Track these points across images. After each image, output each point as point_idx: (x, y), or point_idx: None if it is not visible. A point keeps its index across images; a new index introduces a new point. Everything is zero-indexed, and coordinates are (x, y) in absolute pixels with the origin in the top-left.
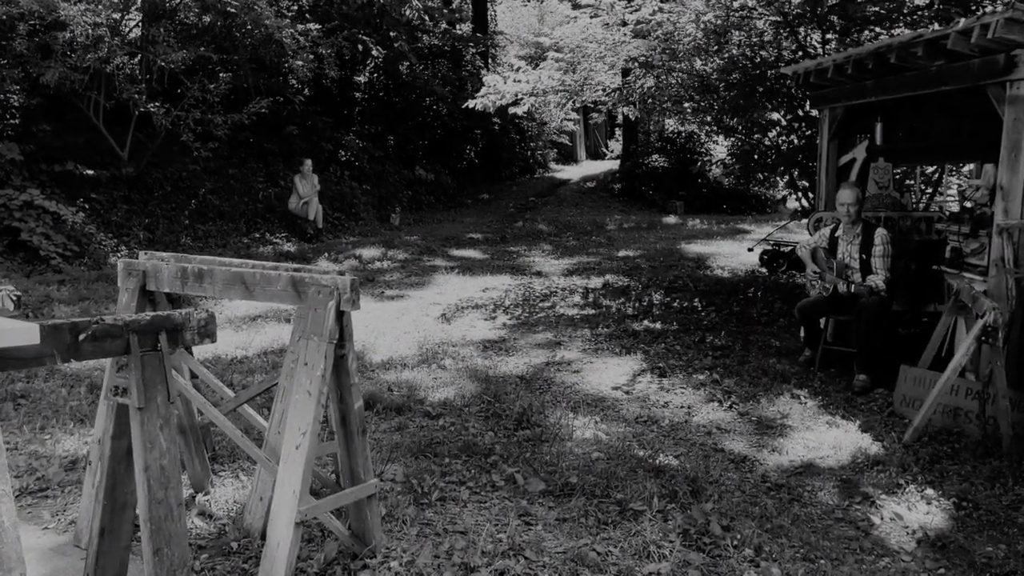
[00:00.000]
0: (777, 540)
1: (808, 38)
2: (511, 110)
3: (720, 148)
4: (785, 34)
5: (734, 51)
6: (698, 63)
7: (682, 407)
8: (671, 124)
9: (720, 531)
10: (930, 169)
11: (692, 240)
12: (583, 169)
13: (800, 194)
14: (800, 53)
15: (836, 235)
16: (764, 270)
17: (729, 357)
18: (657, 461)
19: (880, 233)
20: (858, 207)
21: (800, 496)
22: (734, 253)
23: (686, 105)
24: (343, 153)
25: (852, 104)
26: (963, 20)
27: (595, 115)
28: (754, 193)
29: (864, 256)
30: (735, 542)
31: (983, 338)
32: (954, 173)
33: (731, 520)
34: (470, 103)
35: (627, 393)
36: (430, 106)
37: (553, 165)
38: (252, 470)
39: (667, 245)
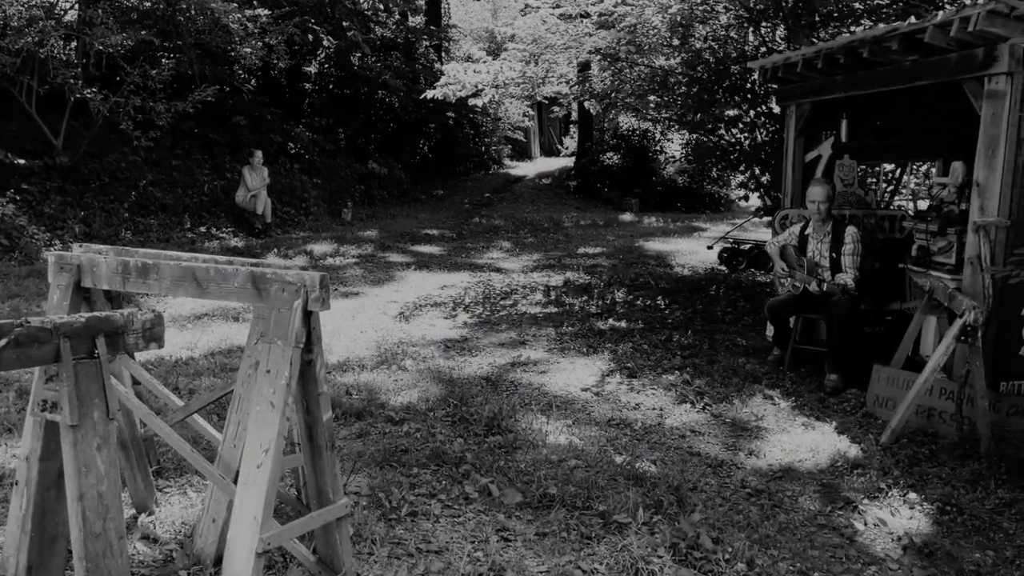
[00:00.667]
0: (768, 552)
1: (772, 33)
2: (471, 102)
3: (675, 146)
4: (750, 29)
5: (698, 45)
6: (661, 58)
7: (654, 409)
8: (626, 121)
9: (711, 544)
10: (889, 167)
11: (650, 238)
12: (538, 165)
13: (762, 191)
14: (764, 49)
15: (806, 233)
16: (724, 268)
17: (698, 356)
18: (636, 467)
19: (850, 231)
20: (829, 205)
21: (781, 502)
22: (693, 251)
23: (651, 99)
24: (292, 145)
25: (820, 100)
26: (941, 13)
27: (555, 109)
28: (708, 191)
29: (834, 254)
30: (726, 555)
31: (962, 337)
32: (912, 172)
33: (719, 532)
34: (429, 93)
35: (597, 395)
36: (383, 99)
37: (508, 161)
38: (203, 486)
39: (625, 243)
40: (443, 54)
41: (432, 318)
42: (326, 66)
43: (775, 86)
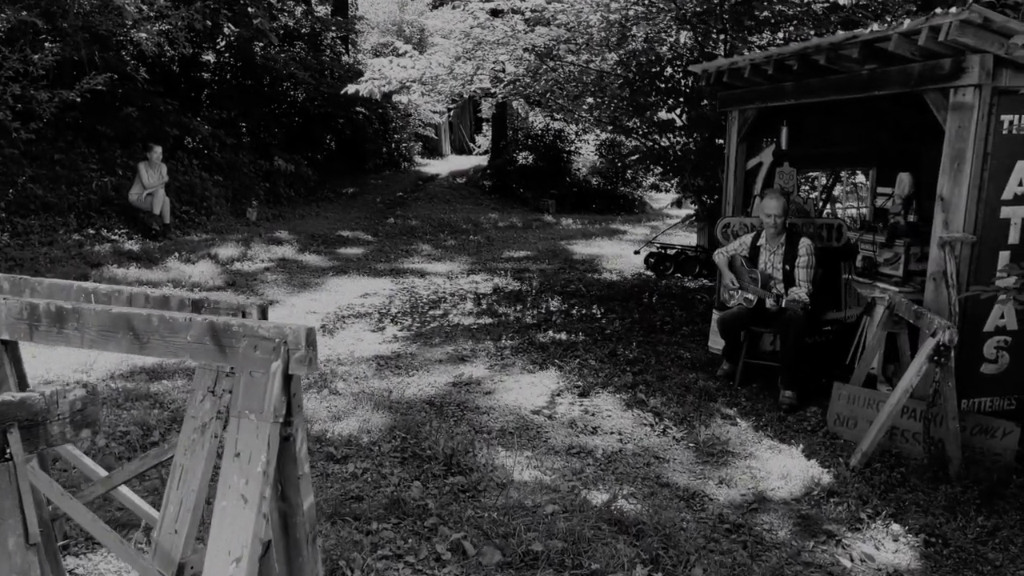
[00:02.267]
0: None
1: (706, 38)
2: (395, 98)
3: (590, 147)
4: (687, 33)
5: (633, 46)
6: (597, 59)
7: (612, 433)
8: (540, 120)
9: None
10: (814, 175)
11: (572, 240)
12: (450, 164)
13: (693, 197)
14: (696, 52)
15: (758, 244)
16: (651, 273)
17: (647, 372)
18: (615, 508)
19: (805, 243)
20: (784, 217)
21: (762, 538)
22: (618, 255)
23: (588, 100)
24: (190, 140)
25: (764, 107)
26: (907, 21)
27: (484, 106)
28: (622, 193)
29: (787, 267)
30: None
31: (935, 357)
32: (842, 181)
33: None
34: (351, 88)
35: (550, 418)
36: (287, 91)
37: (418, 159)
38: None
39: (549, 245)
40: (350, 46)
41: (358, 331)
42: (226, 55)
43: (718, 91)
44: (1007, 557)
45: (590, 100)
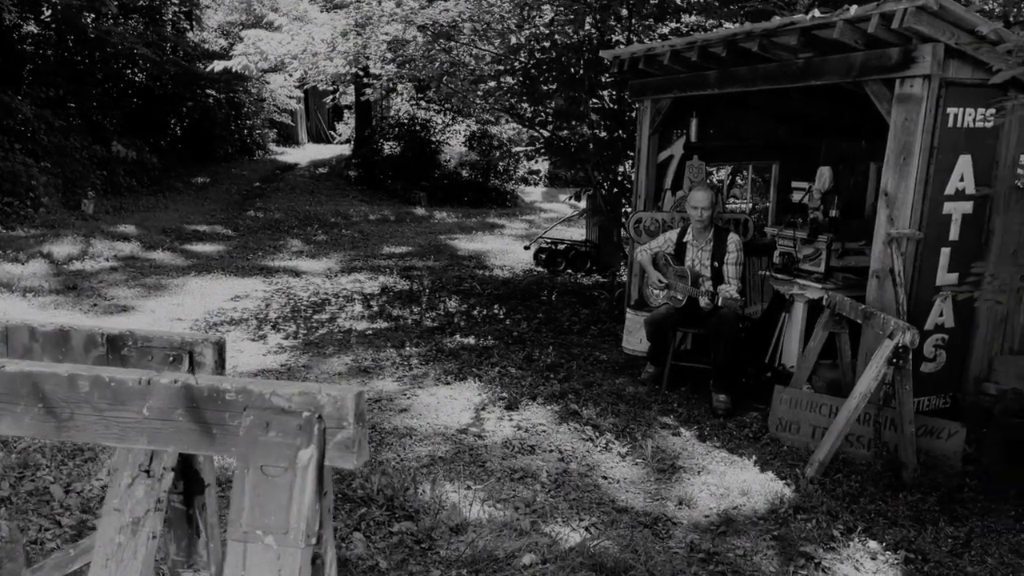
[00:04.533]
0: None
1: (612, 24)
2: (269, 77)
3: (459, 137)
4: (589, 19)
5: (536, 31)
6: (496, 42)
7: (552, 451)
8: (406, 109)
9: None
10: (722, 171)
11: (452, 235)
12: (308, 153)
13: (593, 190)
14: (596, 40)
15: (685, 240)
16: (542, 269)
17: (572, 379)
18: (592, 549)
19: (733, 239)
20: (712, 211)
21: (739, 567)
22: (504, 250)
23: (491, 84)
24: (10, 120)
25: (682, 96)
26: (854, 8)
27: (367, 91)
28: (493, 186)
29: (716, 263)
30: None
31: (894, 360)
32: (741, 176)
33: None
34: (220, 64)
35: (480, 437)
36: (123, 69)
37: (274, 147)
38: None
39: (429, 240)
40: (195, 22)
41: (235, 341)
42: (53, 27)
43: (629, 79)
44: (986, 570)
45: (486, 86)
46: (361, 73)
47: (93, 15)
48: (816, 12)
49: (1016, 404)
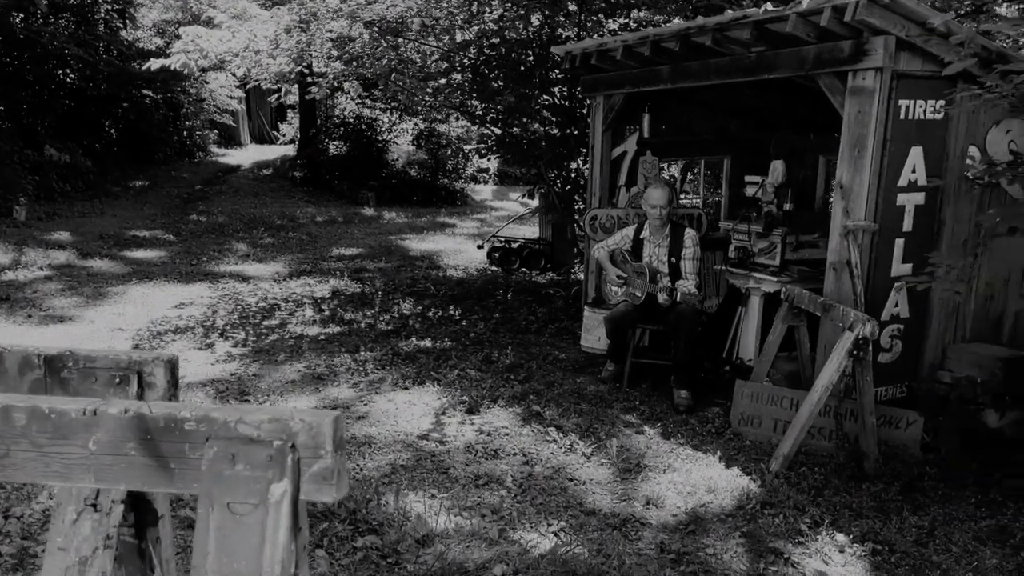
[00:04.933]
0: None
1: (561, 20)
2: (211, 74)
3: (407, 136)
4: (537, 15)
5: (486, 27)
6: (446, 38)
7: (516, 454)
8: (351, 108)
9: None
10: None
11: (403, 236)
12: (251, 154)
13: (548, 188)
14: (546, 37)
15: (642, 236)
16: (496, 268)
17: (533, 380)
18: (563, 556)
19: (690, 235)
20: (669, 208)
21: (710, 566)
22: (456, 250)
23: (442, 81)
24: None
25: (635, 92)
26: (806, 1)
27: (313, 89)
28: (443, 185)
29: (673, 259)
30: None
31: (854, 352)
32: (692, 171)
33: None
34: (158, 63)
35: (442, 443)
36: (54, 70)
37: (215, 148)
38: None
39: (379, 241)
40: (128, 21)
41: (181, 350)
42: None
43: (581, 75)
44: (951, 559)
45: (435, 83)
46: (306, 71)
47: (22, 15)
48: (768, 6)
49: (970, 392)
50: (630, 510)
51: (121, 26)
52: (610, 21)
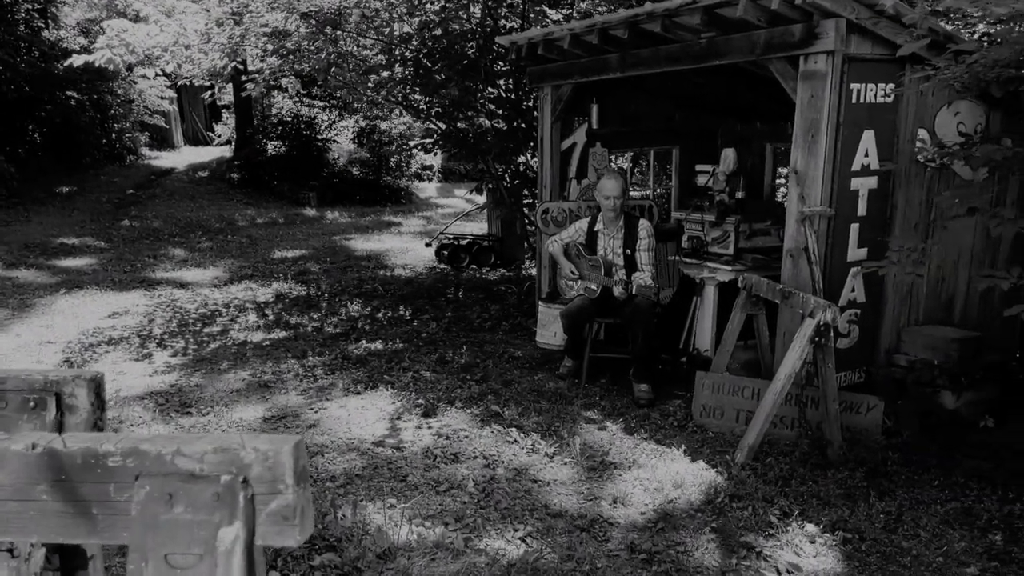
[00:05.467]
0: None
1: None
2: (138, 71)
3: (348, 134)
4: (487, 5)
5: (427, 18)
6: (387, 30)
7: (476, 457)
8: (289, 106)
9: None
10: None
11: (348, 236)
12: (185, 156)
13: (497, 183)
14: (490, 28)
15: (596, 229)
16: (446, 266)
17: (490, 379)
18: (533, 564)
19: (644, 225)
20: (623, 199)
21: (682, 564)
22: (404, 249)
23: (384, 74)
24: None
25: (584, 82)
26: None
27: (249, 86)
28: (386, 183)
29: (628, 251)
30: None
31: (816, 338)
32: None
33: None
34: (80, 59)
35: (398, 449)
36: None
37: (147, 151)
38: None
39: (323, 242)
40: (50, 20)
41: (117, 362)
42: None
43: (528, 66)
44: (920, 544)
45: (377, 77)
46: (240, 67)
47: None
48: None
49: (927, 374)
50: (597, 510)
51: (43, 26)
52: (554, 12)
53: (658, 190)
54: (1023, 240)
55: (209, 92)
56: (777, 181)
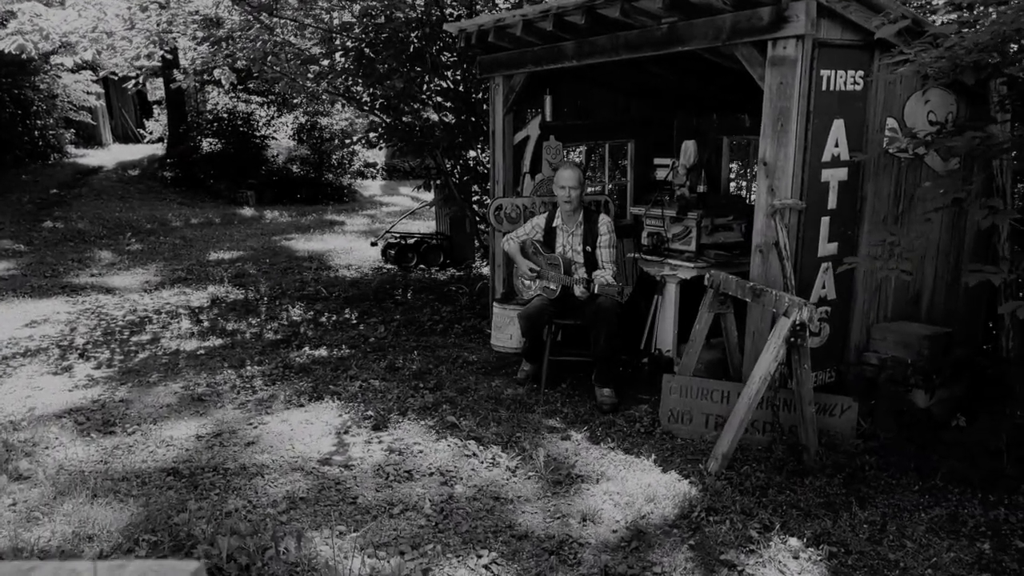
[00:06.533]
0: None
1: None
2: (55, 59)
3: (287, 130)
4: None
5: (369, 3)
6: (327, 17)
7: (433, 474)
8: (224, 101)
9: None
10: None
11: (288, 236)
12: (115, 154)
13: (446, 179)
14: (436, 16)
15: (554, 225)
16: (393, 266)
17: (444, 387)
18: None
19: (604, 221)
20: (580, 191)
21: None
22: (348, 249)
23: (324, 63)
24: None
25: (537, 71)
26: None
27: (179, 77)
28: (328, 181)
29: (588, 248)
30: None
31: (791, 338)
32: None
33: None
34: None
35: (347, 467)
36: None
37: (72, 149)
38: None
39: (262, 243)
40: None
41: (32, 375)
42: None
43: (478, 55)
44: (908, 555)
45: (317, 67)
46: (169, 56)
47: None
48: None
49: (900, 372)
50: (566, 529)
51: None
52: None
53: (609, 186)
54: (987, 234)
55: (133, 82)
56: (734, 175)
